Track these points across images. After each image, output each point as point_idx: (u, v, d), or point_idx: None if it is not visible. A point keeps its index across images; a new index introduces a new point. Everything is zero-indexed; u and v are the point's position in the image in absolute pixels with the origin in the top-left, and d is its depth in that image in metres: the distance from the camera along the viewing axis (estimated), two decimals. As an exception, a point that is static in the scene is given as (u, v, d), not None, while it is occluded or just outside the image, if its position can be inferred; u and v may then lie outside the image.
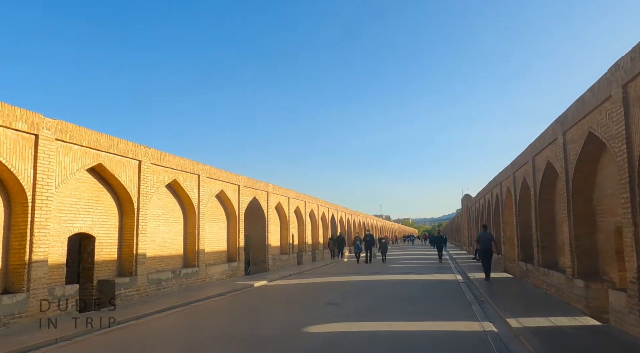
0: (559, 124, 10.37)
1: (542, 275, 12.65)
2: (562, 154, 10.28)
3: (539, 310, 9.49)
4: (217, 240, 17.75)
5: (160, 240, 14.07)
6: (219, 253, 17.86)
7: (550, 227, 12.98)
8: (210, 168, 16.51)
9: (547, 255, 12.95)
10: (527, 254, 16.03)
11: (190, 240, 15.50)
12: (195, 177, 15.54)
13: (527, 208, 16.02)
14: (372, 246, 27.94)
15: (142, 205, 12.46)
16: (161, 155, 13.45)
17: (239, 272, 18.52)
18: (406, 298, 11.98)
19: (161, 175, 13.56)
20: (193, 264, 15.37)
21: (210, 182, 16.64)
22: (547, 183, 12.71)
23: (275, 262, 23.04)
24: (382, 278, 17.63)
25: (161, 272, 13.62)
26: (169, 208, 14.68)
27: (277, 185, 23.59)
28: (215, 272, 16.60)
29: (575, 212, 9.86)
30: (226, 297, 13.12)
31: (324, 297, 12.66)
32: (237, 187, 18.86)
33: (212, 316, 10.13)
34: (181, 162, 14.52)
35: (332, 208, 36.83)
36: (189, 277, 14.74)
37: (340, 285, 15.99)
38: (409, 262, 27.65)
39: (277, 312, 10.46)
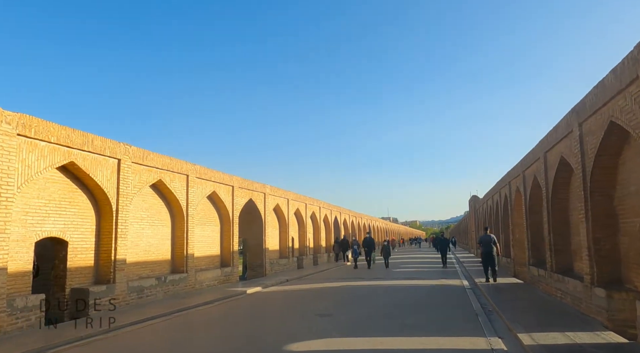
0: (575, 115, 9.34)
1: (555, 282, 11.59)
2: (578, 148, 9.24)
3: (554, 323, 8.46)
4: (209, 244, 16.84)
5: (145, 244, 13.19)
6: (211, 258, 16.95)
7: (564, 228, 11.92)
8: (200, 168, 15.61)
9: (561, 260, 11.89)
10: (539, 258, 14.94)
11: (179, 245, 14.60)
12: (183, 178, 14.65)
13: (538, 209, 14.95)
14: (373, 250, 25.89)
15: (122, 207, 11.58)
16: (144, 154, 12.57)
17: (233, 278, 17.60)
18: (407, 308, 10.98)
19: (144, 175, 12.67)
20: (181, 270, 14.46)
21: (201, 182, 15.75)
22: (561, 181, 11.66)
23: (274, 266, 22.09)
24: (383, 284, 16.62)
25: (145, 278, 12.73)
26: (155, 211, 13.80)
27: (275, 186, 22.67)
28: (206, 278, 15.68)
29: (594, 212, 8.82)
30: (214, 305, 12.19)
31: (317, 306, 11.68)
32: (230, 188, 17.95)
33: (188, 329, 9.19)
34: (167, 161, 13.64)
35: (335, 211, 35.85)
36: (176, 284, 13.83)
37: (338, 291, 15.01)
38: (414, 266, 26.58)
39: (260, 325, 9.50)
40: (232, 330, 8.95)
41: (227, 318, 10.37)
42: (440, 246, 25.99)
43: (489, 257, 16.22)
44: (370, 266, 24.97)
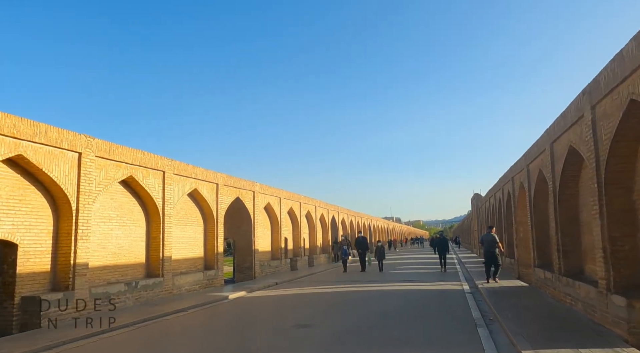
0: (587, 97, 8.18)
1: (564, 286, 10.42)
2: (590, 135, 8.08)
3: (564, 335, 7.30)
4: (190, 245, 15.74)
5: (114, 246, 12.09)
6: (193, 261, 15.85)
7: (574, 227, 10.75)
8: (178, 163, 14.51)
9: (571, 262, 10.71)
10: (545, 260, 13.76)
11: (154, 246, 13.50)
12: (159, 174, 13.55)
13: (543, 206, 13.78)
14: (366, 251, 23.63)
15: (83, 205, 10.48)
16: (110, 147, 11.46)
17: (217, 281, 16.49)
18: (398, 316, 9.83)
19: (112, 170, 11.57)
20: (157, 274, 13.36)
21: (180, 179, 14.64)
22: (570, 174, 10.49)
23: (264, 268, 20.98)
24: (376, 288, 15.47)
25: (113, 284, 11.63)
26: (126, 210, 12.70)
27: (265, 185, 21.55)
28: (185, 282, 14.57)
29: (609, 208, 7.66)
30: (186, 313, 11.08)
31: (298, 314, 10.55)
32: (214, 185, 16.84)
33: (144, 345, 8.08)
34: (139, 156, 12.53)
35: (333, 210, 34.72)
36: (149, 289, 12.73)
37: (326, 297, 13.88)
38: (413, 267, 25.41)
39: (225, 339, 8.36)
40: (192, 346, 7.82)
41: (194, 330, 9.25)
42: (439, 247, 22.90)
43: (491, 256, 15.52)
44: (364, 269, 22.80)
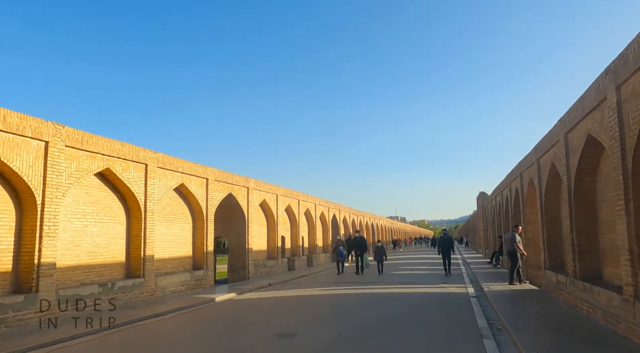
0: (611, 76, 7.14)
1: (580, 292, 9.37)
2: (614, 119, 7.05)
3: (585, 350, 6.28)
4: (177, 243, 14.80)
5: (89, 244, 11.17)
6: (181, 260, 14.91)
7: (591, 225, 9.71)
8: (163, 156, 13.57)
9: (587, 264, 9.68)
10: (557, 261, 12.73)
11: (135, 245, 12.57)
12: (140, 167, 12.61)
13: (555, 203, 12.74)
14: (364, 252, 21.06)
15: (50, 199, 9.55)
16: (83, 137, 10.53)
17: (206, 282, 15.55)
18: (394, 325, 8.83)
19: (85, 162, 10.64)
20: (137, 274, 12.43)
21: (165, 173, 13.71)
22: (587, 167, 9.46)
23: (259, 268, 20.02)
24: (374, 291, 14.47)
25: (87, 285, 10.71)
26: (104, 205, 11.78)
27: (260, 181, 20.59)
28: (170, 283, 13.64)
29: (637, 203, 6.64)
30: (164, 318, 10.14)
31: (285, 320, 9.57)
32: (204, 180, 15.90)
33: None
34: (117, 147, 11.60)
35: (334, 208, 33.70)
36: (128, 291, 11.80)
37: (319, 300, 12.90)
38: (415, 268, 24.39)
39: (196, 351, 7.42)
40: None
41: (157, 339, 8.31)
42: (442, 248, 20.10)
43: (510, 256, 14.40)
44: (360, 271, 20.36)
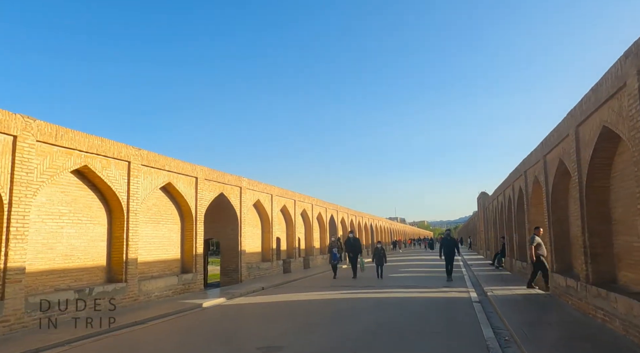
0: (632, 59, 6.41)
1: (594, 298, 8.63)
2: (636, 107, 6.32)
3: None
4: (165, 246, 14.06)
5: (65, 247, 10.42)
6: (168, 263, 14.17)
7: (605, 226, 8.96)
8: (148, 153, 12.83)
9: (600, 267, 8.94)
10: (564, 264, 12.01)
11: (117, 247, 11.83)
12: (123, 165, 11.87)
13: (563, 203, 12.02)
14: (359, 254, 19.71)
15: (19, 198, 8.80)
16: (57, 131, 9.80)
17: (195, 286, 14.80)
18: (393, 334, 8.10)
19: (59, 159, 9.90)
20: (119, 278, 11.69)
21: (150, 171, 12.97)
22: (600, 162, 8.72)
23: (253, 271, 19.28)
24: (371, 296, 13.74)
25: (62, 291, 9.96)
26: (82, 205, 11.04)
27: (254, 180, 19.86)
28: (156, 288, 12.89)
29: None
30: (144, 327, 9.39)
31: (273, 330, 8.83)
32: (193, 179, 15.16)
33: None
34: (96, 143, 10.86)
35: (331, 208, 32.97)
36: (109, 296, 11.05)
37: (312, 306, 12.17)
38: (415, 270, 23.68)
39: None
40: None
41: (133, 351, 7.56)
42: (446, 250, 18.23)
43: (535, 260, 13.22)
44: (355, 275, 19.18)
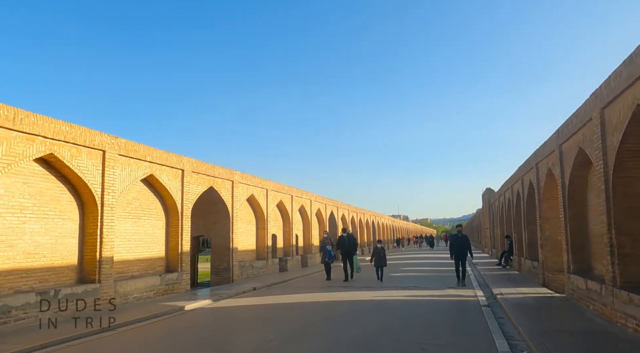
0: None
1: (623, 304, 7.51)
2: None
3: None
4: (146, 243, 13.01)
5: (28, 244, 9.37)
6: (150, 262, 13.12)
7: (635, 222, 7.85)
8: (127, 142, 11.77)
9: (630, 269, 7.81)
10: (583, 264, 10.88)
11: (90, 244, 10.77)
12: (96, 154, 10.80)
13: (582, 196, 10.90)
14: (353, 253, 17.20)
15: (-33, 189, 7.76)
16: (16, 115, 8.71)
17: (180, 286, 13.74)
18: (392, 344, 7.01)
19: (19, 145, 8.83)
20: (92, 279, 10.64)
21: (129, 162, 11.90)
22: (632, 148, 7.60)
23: (245, 270, 18.22)
24: (370, 297, 12.66)
25: (22, 293, 8.91)
26: (49, 198, 9.98)
27: (248, 174, 18.78)
28: (134, 289, 11.84)
29: None
30: (114, 333, 8.33)
31: (258, 338, 7.76)
32: (179, 172, 14.09)
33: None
34: (63, 129, 9.79)
35: (332, 205, 31.88)
36: (79, 299, 9.99)
37: (305, 309, 11.09)
38: (418, 269, 22.59)
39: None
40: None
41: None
42: (457, 250, 15.28)
43: None
44: (347, 278, 16.70)
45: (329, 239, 17.66)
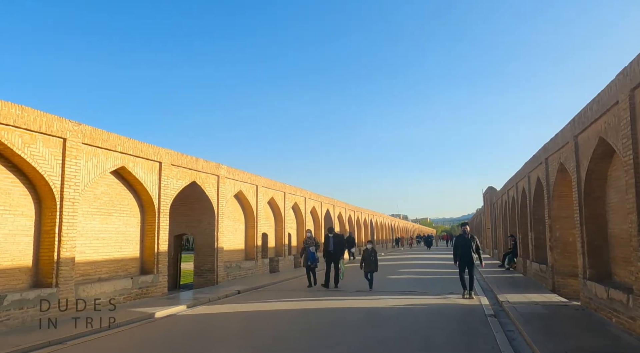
0: None
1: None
2: None
3: None
4: (117, 242, 11.82)
5: (-31, 243, 8.20)
6: (122, 263, 11.94)
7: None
8: (92, 130, 10.57)
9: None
10: (601, 269, 9.69)
11: (46, 244, 9.58)
12: (55, 142, 9.61)
13: (601, 193, 9.71)
14: (340, 257, 14.79)
15: None
16: (-49, 93, 7.53)
17: (156, 290, 12.56)
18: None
19: (-45, 129, 7.66)
20: (49, 282, 9.45)
21: (96, 152, 10.71)
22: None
23: (232, 271, 17.05)
24: (362, 304, 11.49)
25: (-41, 299, 7.73)
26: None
27: (235, 168, 17.59)
28: (101, 293, 10.64)
29: None
30: (63, 347, 7.16)
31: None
32: (156, 164, 12.90)
33: None
34: (13, 113, 8.57)
35: (327, 203, 30.70)
36: (29, 307, 8.80)
37: (286, 319, 9.89)
38: (416, 270, 21.42)
39: None
40: None
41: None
42: (462, 254, 12.01)
43: None
44: (327, 284, 14.54)
45: (313, 240, 15.63)
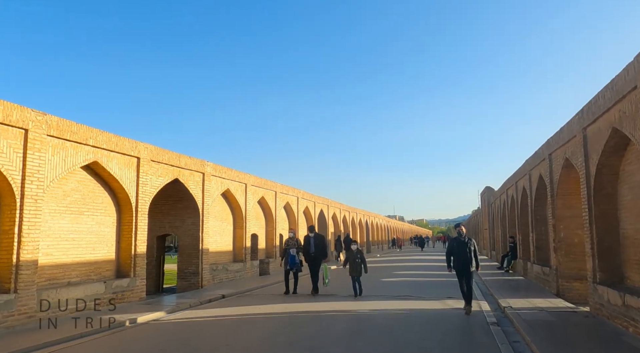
0: None
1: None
2: None
3: None
4: (90, 243, 10.95)
5: None
6: (95, 266, 11.06)
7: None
8: (59, 121, 9.69)
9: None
10: (615, 274, 8.89)
11: (5, 245, 8.70)
12: (15, 133, 8.73)
13: (612, 190, 8.94)
14: (323, 260, 13.52)
15: None
16: None
17: (132, 294, 11.68)
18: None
19: None
20: (7, 288, 8.57)
21: (63, 146, 9.83)
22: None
23: (218, 274, 16.17)
24: (355, 309, 10.65)
25: None
26: (-52, 186, 7.92)
27: (222, 166, 16.72)
28: (69, 298, 9.76)
29: None
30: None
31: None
32: (134, 160, 12.03)
33: None
34: (-36, 99, 7.73)
35: (321, 203, 29.86)
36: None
37: (269, 328, 9.00)
38: (411, 273, 20.62)
39: None
40: None
41: None
42: (458, 260, 10.02)
43: None
44: (316, 290, 13.10)
45: (295, 241, 14.09)
